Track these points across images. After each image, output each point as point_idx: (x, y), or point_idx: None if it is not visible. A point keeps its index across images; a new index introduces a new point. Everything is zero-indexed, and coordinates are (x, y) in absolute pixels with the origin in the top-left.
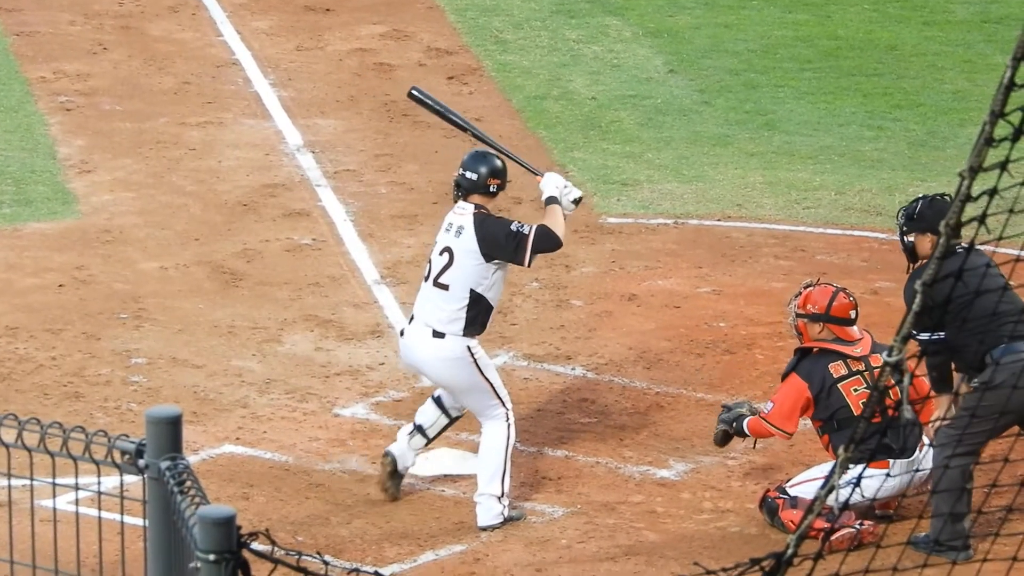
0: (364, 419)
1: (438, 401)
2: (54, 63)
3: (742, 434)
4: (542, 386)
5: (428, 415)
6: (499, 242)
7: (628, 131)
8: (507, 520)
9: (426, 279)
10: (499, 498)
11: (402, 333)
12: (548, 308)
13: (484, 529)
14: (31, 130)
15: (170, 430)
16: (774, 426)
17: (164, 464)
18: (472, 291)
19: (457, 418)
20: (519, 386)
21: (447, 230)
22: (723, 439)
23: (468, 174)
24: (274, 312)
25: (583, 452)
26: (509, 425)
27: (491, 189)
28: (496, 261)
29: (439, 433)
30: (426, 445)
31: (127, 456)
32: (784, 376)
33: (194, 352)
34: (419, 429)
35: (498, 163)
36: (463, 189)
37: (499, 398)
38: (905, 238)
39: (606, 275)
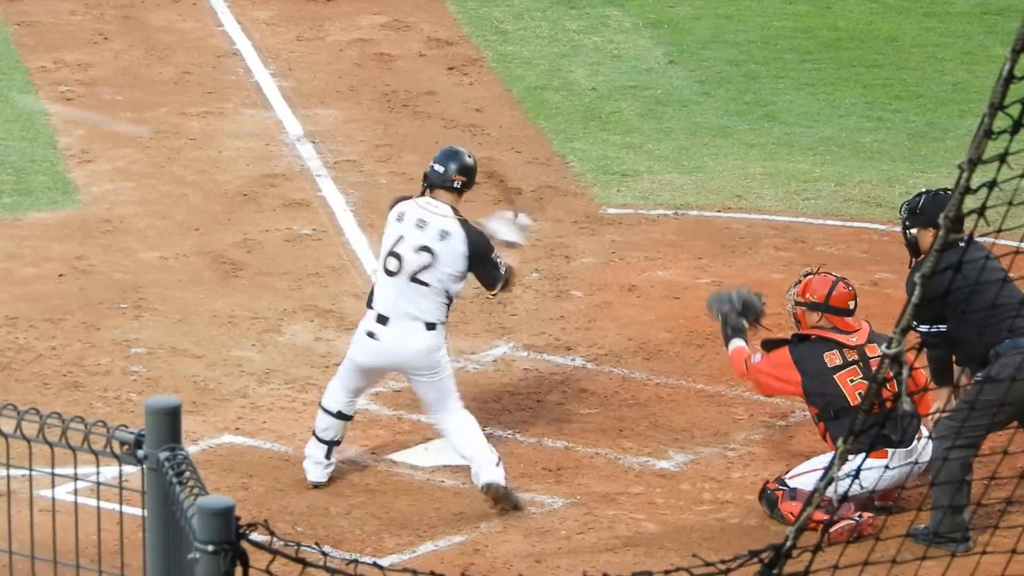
0: (364, 409)
1: (339, 415)
2: (55, 53)
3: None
4: (542, 376)
5: (337, 428)
6: (484, 264)
7: (628, 122)
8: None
9: (393, 274)
10: (496, 463)
11: (372, 335)
12: (548, 299)
13: (490, 486)
14: (31, 120)
15: (169, 420)
16: (754, 380)
17: (163, 455)
18: (447, 291)
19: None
20: (518, 376)
21: (420, 227)
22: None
23: (436, 167)
24: (274, 302)
25: (583, 443)
26: (467, 409)
27: (455, 185)
28: (472, 272)
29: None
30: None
31: (126, 446)
32: (776, 345)
33: (194, 342)
34: (334, 444)
35: (468, 161)
36: (429, 181)
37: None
38: (908, 232)
39: (606, 266)
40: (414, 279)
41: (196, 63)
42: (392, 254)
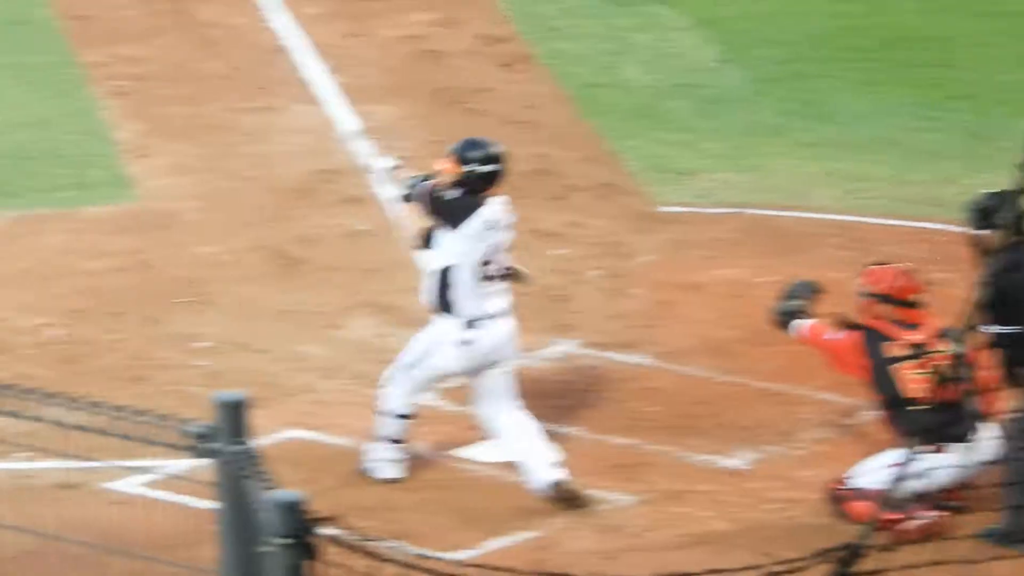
0: (431, 406)
1: (408, 416)
2: (109, 47)
3: (791, 329)
4: (606, 375)
5: (406, 427)
6: None
7: (682, 120)
8: None
9: (489, 278)
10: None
11: (467, 342)
12: (609, 296)
13: (555, 485)
14: (87, 114)
15: (238, 414)
16: (830, 355)
17: (233, 448)
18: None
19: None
20: (583, 374)
21: (508, 227)
22: (779, 326)
23: (487, 168)
24: (334, 297)
25: (649, 440)
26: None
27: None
28: None
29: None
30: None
31: (197, 440)
32: (849, 327)
33: (256, 337)
34: (403, 442)
35: (498, 147)
36: (487, 183)
37: None
38: (973, 233)
39: (665, 264)
40: (503, 278)
41: (247, 58)
42: (490, 261)
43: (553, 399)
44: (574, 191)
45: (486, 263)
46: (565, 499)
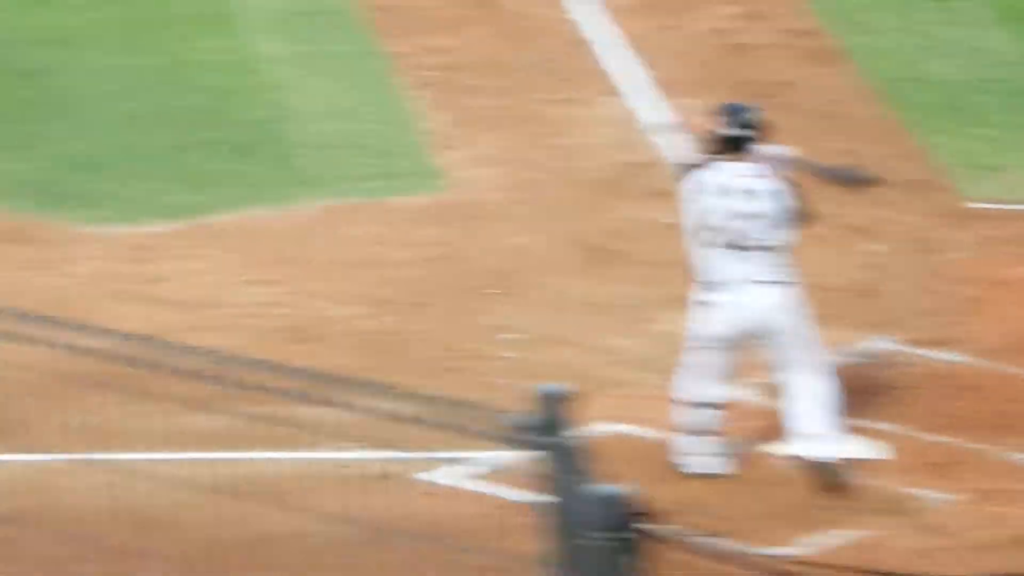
0: (746, 401)
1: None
2: (414, 38)
3: None
4: (921, 372)
5: (711, 417)
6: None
7: (990, 115)
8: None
9: (733, 245)
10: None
11: (719, 305)
12: (919, 293)
13: (816, 464)
14: (392, 105)
15: (560, 407)
16: None
17: (555, 441)
18: (784, 247)
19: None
20: (895, 371)
21: (749, 195)
22: None
23: (741, 131)
24: (645, 291)
25: (967, 439)
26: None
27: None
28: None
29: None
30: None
31: (518, 431)
32: None
33: (566, 329)
34: (712, 434)
35: (755, 113)
36: (738, 146)
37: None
38: None
39: (975, 260)
40: (756, 246)
41: (555, 49)
42: (726, 226)
43: (866, 396)
44: (883, 186)
45: (725, 229)
46: (819, 477)
